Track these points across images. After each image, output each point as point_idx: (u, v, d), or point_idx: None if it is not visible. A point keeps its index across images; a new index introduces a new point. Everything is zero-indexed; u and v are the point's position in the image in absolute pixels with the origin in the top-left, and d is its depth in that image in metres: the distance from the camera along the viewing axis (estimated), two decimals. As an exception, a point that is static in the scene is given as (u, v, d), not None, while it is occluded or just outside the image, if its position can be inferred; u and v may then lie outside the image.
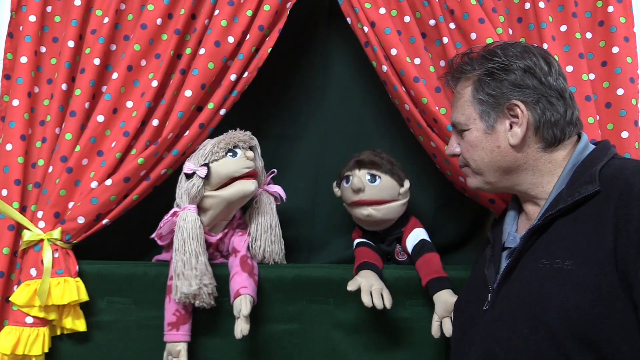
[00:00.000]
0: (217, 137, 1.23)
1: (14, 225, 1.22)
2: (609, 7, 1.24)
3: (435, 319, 1.11)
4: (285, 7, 1.29)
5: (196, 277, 1.11)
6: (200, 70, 1.21)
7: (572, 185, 0.86)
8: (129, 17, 1.30)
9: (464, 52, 1.01)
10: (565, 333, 0.75)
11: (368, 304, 1.07)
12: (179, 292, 1.11)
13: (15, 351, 1.14)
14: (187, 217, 1.15)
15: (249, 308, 1.08)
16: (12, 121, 1.23)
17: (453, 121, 1.01)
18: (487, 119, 0.93)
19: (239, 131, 1.25)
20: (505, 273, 0.89)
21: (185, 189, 1.17)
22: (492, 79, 0.92)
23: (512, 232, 0.98)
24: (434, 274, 1.15)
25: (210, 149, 1.19)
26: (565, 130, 0.91)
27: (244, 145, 1.22)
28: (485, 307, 0.91)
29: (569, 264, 0.78)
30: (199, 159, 1.19)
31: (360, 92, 1.50)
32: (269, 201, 1.29)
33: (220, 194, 1.19)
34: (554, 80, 0.91)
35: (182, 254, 1.12)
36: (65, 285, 1.16)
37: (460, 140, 1.00)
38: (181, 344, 1.14)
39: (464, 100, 0.97)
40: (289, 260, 1.33)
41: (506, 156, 0.93)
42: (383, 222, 1.28)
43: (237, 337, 1.07)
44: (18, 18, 1.30)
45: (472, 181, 1.01)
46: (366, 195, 1.23)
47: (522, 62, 0.91)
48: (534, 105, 0.90)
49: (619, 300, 0.73)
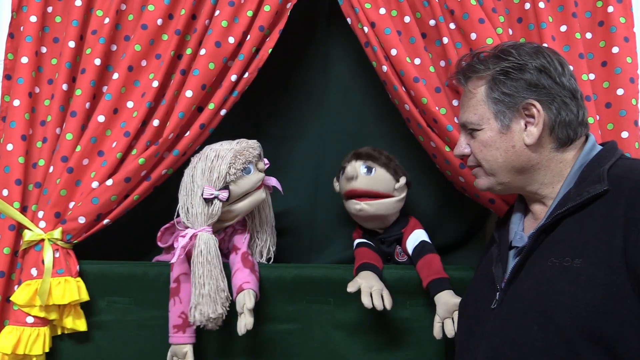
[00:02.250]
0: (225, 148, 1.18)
1: (15, 225, 1.22)
2: (609, 7, 1.24)
3: (437, 320, 1.11)
4: (286, 8, 1.29)
5: (221, 300, 1.11)
6: (201, 70, 1.21)
7: (580, 185, 0.86)
8: (129, 18, 1.30)
9: (473, 52, 1.01)
10: (575, 331, 0.76)
11: (368, 306, 1.07)
12: (201, 317, 1.10)
13: (16, 351, 1.14)
14: (208, 240, 1.13)
15: (252, 302, 1.08)
16: (12, 121, 1.23)
17: (464, 121, 0.99)
18: (502, 119, 0.93)
19: (244, 141, 1.22)
20: (514, 272, 0.89)
21: (203, 212, 1.14)
22: (508, 78, 0.92)
23: (518, 231, 0.98)
24: (434, 275, 1.15)
25: (227, 170, 1.15)
26: (578, 130, 0.92)
27: (255, 159, 1.20)
28: (493, 306, 0.91)
29: (578, 262, 0.79)
30: (215, 182, 1.14)
31: (360, 92, 1.50)
32: (267, 194, 1.30)
33: (237, 208, 1.19)
34: (567, 80, 0.92)
35: (209, 278, 1.11)
36: (65, 285, 1.16)
37: (470, 141, 0.99)
38: (188, 346, 1.14)
39: (477, 100, 0.96)
40: (290, 261, 1.33)
41: (521, 156, 0.93)
42: (377, 218, 1.28)
43: (241, 332, 1.07)
44: (19, 18, 1.31)
45: (483, 182, 1.00)
46: (359, 184, 1.23)
47: (537, 62, 0.91)
48: (549, 105, 0.91)
49: (629, 298, 0.73)
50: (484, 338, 0.89)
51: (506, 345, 0.84)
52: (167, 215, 1.25)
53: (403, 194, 1.28)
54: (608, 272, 0.75)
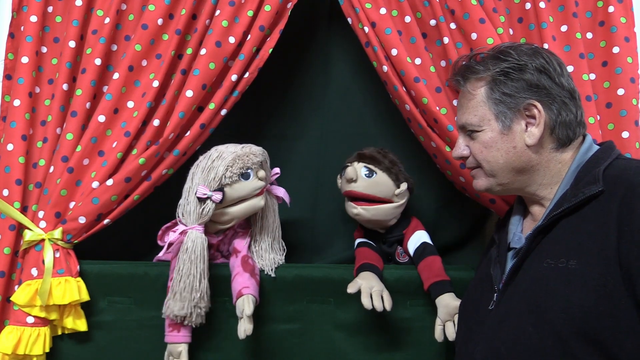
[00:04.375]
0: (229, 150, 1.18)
1: (15, 225, 1.23)
2: (610, 7, 1.24)
3: (438, 322, 1.11)
4: (286, 8, 1.29)
5: (192, 301, 1.11)
6: (201, 70, 1.21)
7: (577, 186, 0.87)
8: (129, 18, 1.30)
9: (471, 54, 1.01)
10: (570, 332, 0.76)
11: (368, 307, 1.07)
12: (169, 310, 1.12)
13: (17, 351, 1.14)
14: (196, 238, 1.13)
15: (251, 308, 1.08)
16: (13, 121, 1.23)
17: (464, 122, 0.98)
18: (503, 120, 0.93)
19: (250, 147, 1.21)
20: (511, 273, 0.90)
21: (195, 211, 1.14)
22: (508, 78, 0.92)
23: (517, 233, 0.98)
24: (435, 277, 1.15)
25: (223, 172, 1.14)
26: (577, 130, 0.92)
27: (255, 166, 1.19)
28: (490, 307, 0.91)
29: (573, 263, 0.79)
30: (210, 183, 1.14)
31: (361, 92, 1.50)
32: (271, 203, 1.29)
33: (231, 212, 1.19)
34: (566, 80, 0.92)
35: (187, 276, 1.11)
36: (66, 285, 1.16)
37: (469, 142, 0.99)
38: (182, 345, 1.14)
39: (477, 101, 0.95)
40: (290, 261, 1.33)
41: (522, 156, 0.92)
42: (375, 222, 1.28)
43: (241, 337, 1.07)
44: (19, 18, 1.30)
45: (482, 183, 0.99)
46: (358, 187, 1.23)
47: (537, 62, 0.91)
48: (550, 106, 0.91)
49: (623, 298, 0.73)
50: (483, 339, 0.90)
51: (503, 347, 0.84)
52: (167, 215, 1.24)
53: (403, 200, 1.27)
54: (602, 273, 0.75)
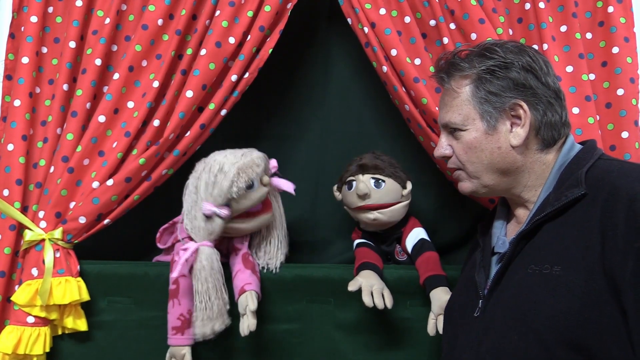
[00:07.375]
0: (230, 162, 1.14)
1: (16, 225, 1.23)
2: (609, 7, 1.24)
3: (431, 316, 1.10)
4: (286, 8, 1.29)
5: (222, 315, 1.10)
6: (201, 70, 1.21)
7: (559, 189, 0.85)
8: (130, 18, 1.30)
9: (454, 50, 0.97)
10: (555, 339, 0.74)
11: (369, 304, 1.07)
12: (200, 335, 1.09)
13: (17, 351, 1.14)
14: (209, 256, 1.12)
15: (255, 303, 1.08)
16: (13, 121, 1.23)
17: (447, 121, 0.95)
18: (488, 119, 0.90)
19: (249, 154, 1.18)
20: (496, 279, 0.88)
21: (205, 228, 1.12)
22: (494, 76, 0.89)
23: (501, 237, 0.96)
24: (431, 271, 1.16)
25: (229, 187, 1.10)
26: (561, 131, 0.91)
27: (258, 175, 1.16)
28: (476, 314, 0.90)
29: (557, 269, 0.78)
30: (216, 198, 1.11)
31: (361, 93, 1.50)
32: (275, 198, 1.28)
33: (241, 227, 1.18)
34: (552, 80, 0.90)
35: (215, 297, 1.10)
36: (66, 285, 1.17)
37: (452, 142, 0.96)
38: (186, 348, 1.14)
39: (462, 99, 0.92)
40: (290, 261, 1.33)
41: (506, 157, 0.90)
42: (388, 224, 1.29)
43: (244, 333, 1.06)
44: (19, 19, 1.31)
45: (467, 185, 0.97)
46: (372, 200, 1.24)
47: (523, 60, 0.89)
48: (535, 106, 0.89)
49: (608, 305, 0.72)
50: (468, 348, 0.88)
51: (488, 355, 0.83)
52: (167, 215, 1.25)
53: (410, 197, 1.30)
54: (587, 279, 0.74)
